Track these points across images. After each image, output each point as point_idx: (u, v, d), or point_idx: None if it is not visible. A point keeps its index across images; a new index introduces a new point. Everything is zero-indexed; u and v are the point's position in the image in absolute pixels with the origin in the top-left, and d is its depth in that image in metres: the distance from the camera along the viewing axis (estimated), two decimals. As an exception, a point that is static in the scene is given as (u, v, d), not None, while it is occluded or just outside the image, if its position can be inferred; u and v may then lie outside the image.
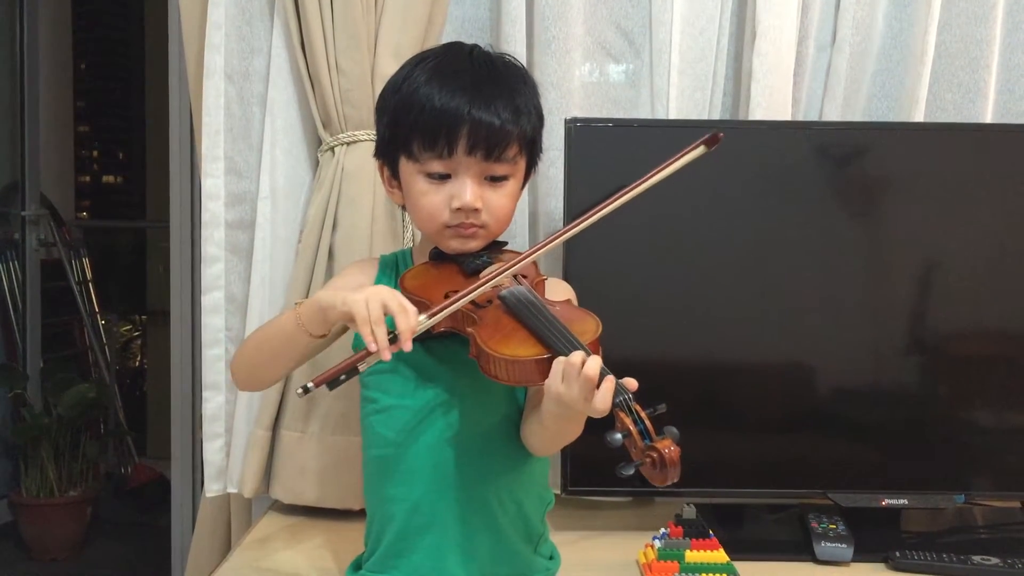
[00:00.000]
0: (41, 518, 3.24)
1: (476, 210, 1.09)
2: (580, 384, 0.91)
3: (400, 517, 1.11)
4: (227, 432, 1.58)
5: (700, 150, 1.04)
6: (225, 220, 1.56)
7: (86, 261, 4.04)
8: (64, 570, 3.16)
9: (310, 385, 0.96)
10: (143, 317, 4.53)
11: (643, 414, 0.90)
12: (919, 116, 1.59)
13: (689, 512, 1.42)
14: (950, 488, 1.46)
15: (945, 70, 1.63)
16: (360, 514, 1.46)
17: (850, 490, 1.45)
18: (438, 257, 1.15)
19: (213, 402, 1.57)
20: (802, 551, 1.38)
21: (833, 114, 1.62)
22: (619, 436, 0.89)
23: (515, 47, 1.51)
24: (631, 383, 0.93)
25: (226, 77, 1.54)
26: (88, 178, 5.19)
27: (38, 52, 3.63)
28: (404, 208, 1.20)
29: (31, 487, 3.22)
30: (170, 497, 2.33)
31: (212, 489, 1.58)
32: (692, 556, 1.28)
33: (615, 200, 1.05)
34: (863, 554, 1.36)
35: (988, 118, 1.62)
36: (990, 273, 1.46)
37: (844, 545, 1.36)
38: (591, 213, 1.05)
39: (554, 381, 0.94)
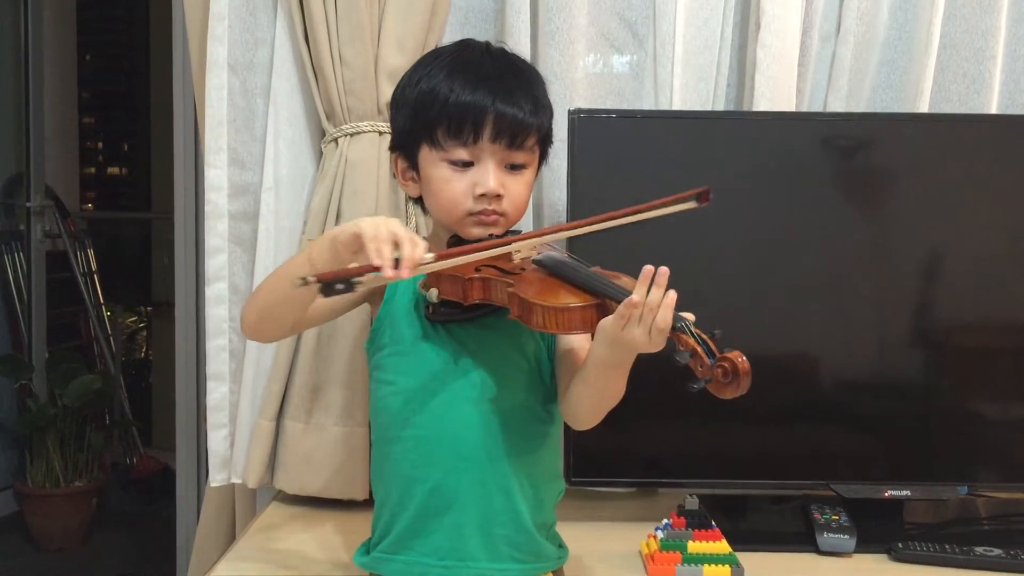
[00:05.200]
0: (46, 508, 3.25)
1: (498, 196, 1.12)
2: (646, 306, 0.94)
3: (419, 498, 1.12)
4: (231, 422, 1.58)
5: (691, 203, 1.04)
6: (228, 211, 1.56)
7: (91, 252, 4.03)
8: (69, 560, 3.17)
9: (310, 278, 0.92)
10: (148, 308, 4.53)
11: (704, 336, 0.94)
12: (924, 107, 1.59)
13: (692, 503, 1.42)
14: (953, 479, 1.46)
15: (950, 61, 1.63)
16: (364, 504, 1.47)
17: (853, 481, 1.45)
18: (458, 244, 1.15)
19: (217, 392, 1.58)
20: (805, 542, 1.38)
21: (837, 105, 1.61)
22: (687, 355, 0.94)
23: (519, 38, 1.51)
24: (688, 315, 0.97)
25: (229, 68, 1.54)
26: (93, 169, 5.20)
27: (43, 43, 3.63)
28: (417, 201, 1.21)
29: (36, 477, 3.23)
30: (175, 487, 2.33)
31: (216, 479, 1.58)
32: (695, 547, 1.29)
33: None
34: (866, 545, 1.36)
35: (993, 109, 1.62)
36: (995, 264, 1.46)
37: (847, 536, 1.36)
38: (601, 219, 1.06)
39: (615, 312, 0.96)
